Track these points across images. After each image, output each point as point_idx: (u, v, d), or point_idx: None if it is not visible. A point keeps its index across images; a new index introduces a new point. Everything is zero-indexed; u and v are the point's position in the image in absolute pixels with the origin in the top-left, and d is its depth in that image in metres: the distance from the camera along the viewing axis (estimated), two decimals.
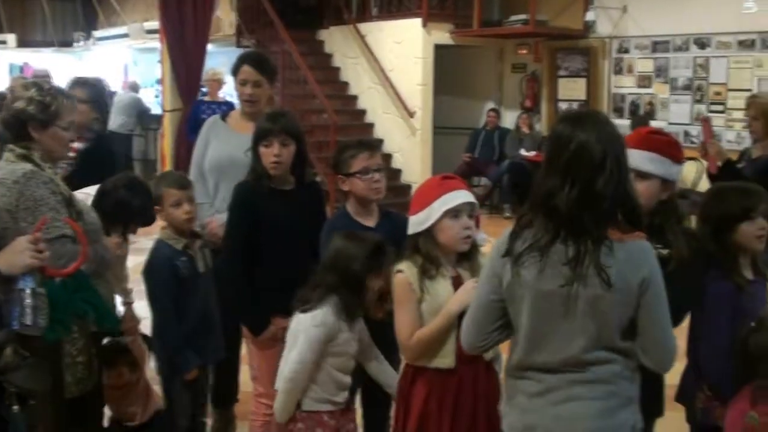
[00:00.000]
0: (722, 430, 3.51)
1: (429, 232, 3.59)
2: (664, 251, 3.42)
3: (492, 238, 3.59)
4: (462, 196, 3.61)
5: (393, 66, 14.95)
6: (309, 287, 3.89)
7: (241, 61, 5.09)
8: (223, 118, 5.26)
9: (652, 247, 2.85)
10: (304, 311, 3.85)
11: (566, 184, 2.79)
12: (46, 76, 14.20)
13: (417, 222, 3.63)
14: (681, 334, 3.61)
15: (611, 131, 2.86)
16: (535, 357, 2.94)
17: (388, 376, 4.07)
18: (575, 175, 2.79)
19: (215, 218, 4.94)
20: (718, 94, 13.04)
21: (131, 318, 4.84)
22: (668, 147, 3.57)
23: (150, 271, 4.39)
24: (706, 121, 6.67)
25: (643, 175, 3.44)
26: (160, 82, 14.85)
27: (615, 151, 2.82)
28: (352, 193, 4.23)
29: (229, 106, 9.95)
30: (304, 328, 3.82)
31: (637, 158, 3.40)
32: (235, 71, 5.07)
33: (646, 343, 2.86)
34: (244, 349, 4.82)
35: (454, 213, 3.56)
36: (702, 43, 13.20)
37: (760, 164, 6.03)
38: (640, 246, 2.82)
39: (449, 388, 3.60)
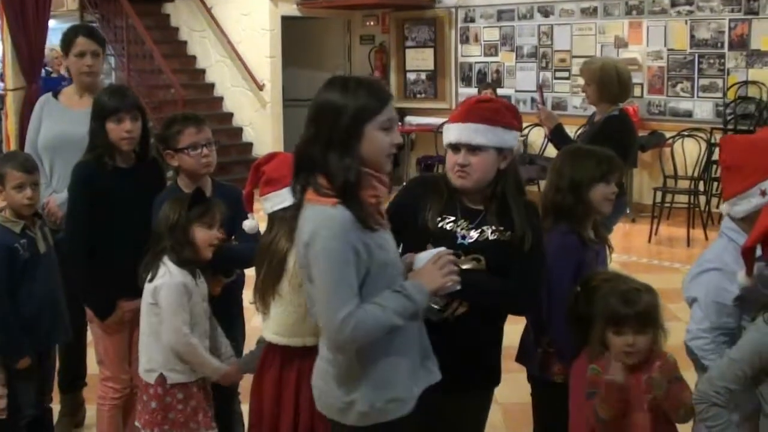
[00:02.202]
0: (560, 386, 3.60)
1: None
2: (506, 234, 3.38)
3: None
4: None
5: (240, 38, 14.81)
6: (147, 259, 3.87)
7: (74, 33, 4.96)
8: (55, 95, 5.11)
9: (334, 216, 2.80)
10: (150, 281, 3.83)
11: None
12: None
13: None
14: None
15: (341, 97, 2.86)
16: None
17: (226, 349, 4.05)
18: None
19: (53, 198, 4.80)
20: (562, 61, 13.30)
21: None
22: (498, 115, 3.42)
23: None
24: (539, 89, 6.93)
25: (474, 148, 3.36)
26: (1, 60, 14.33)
27: (326, 116, 2.85)
28: (181, 169, 4.16)
29: None
30: (153, 290, 3.81)
31: (465, 132, 3.36)
32: (68, 45, 4.92)
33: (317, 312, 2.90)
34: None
35: None
36: (546, 11, 13.43)
37: (595, 128, 6.23)
38: (318, 210, 2.82)
39: None
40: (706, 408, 2.98)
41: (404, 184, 3.65)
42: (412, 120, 14.90)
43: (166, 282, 3.79)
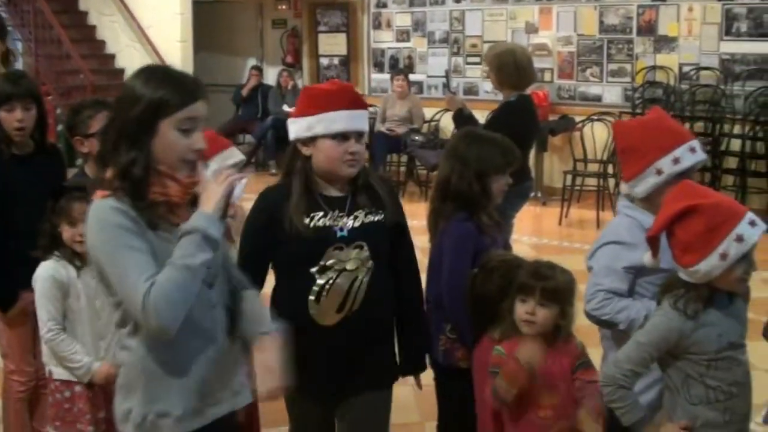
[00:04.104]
0: (464, 371, 3.63)
1: None
2: (378, 213, 3.41)
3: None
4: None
5: (151, 23, 14.60)
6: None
7: None
8: None
9: (101, 206, 2.63)
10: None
11: None
12: None
13: None
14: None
15: (142, 85, 2.69)
16: None
17: None
18: None
19: None
20: (474, 46, 13.36)
21: None
22: (361, 99, 3.49)
23: None
24: (446, 74, 7.09)
25: (360, 135, 3.38)
26: None
27: (125, 102, 2.70)
28: (91, 155, 4.09)
29: None
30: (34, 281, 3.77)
31: (357, 120, 3.36)
32: None
33: None
34: None
35: None
36: None
37: (493, 113, 6.37)
38: (92, 206, 2.67)
39: None
40: (613, 390, 3.03)
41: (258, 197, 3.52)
42: None
43: (40, 274, 3.74)
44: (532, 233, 10.46)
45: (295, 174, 3.39)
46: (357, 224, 3.35)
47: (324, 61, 15.14)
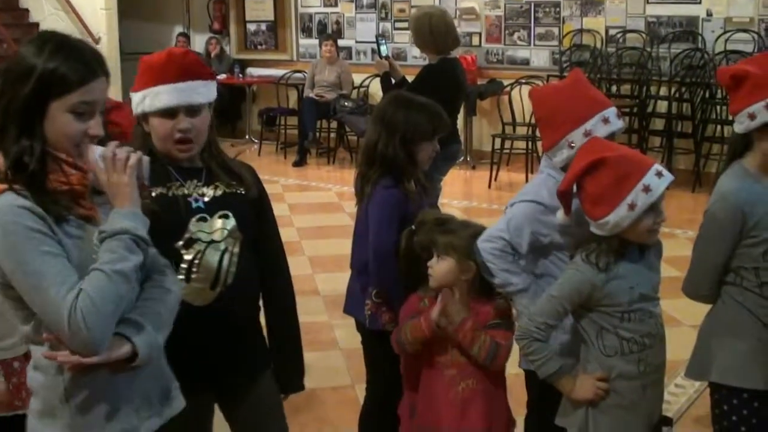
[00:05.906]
0: (390, 334, 3.60)
1: None
2: (241, 189, 3.08)
3: None
4: None
5: None
6: None
7: None
8: None
9: (1, 207, 2.30)
10: None
11: None
12: None
13: None
14: (342, 246, 3.62)
15: (33, 56, 2.36)
16: None
17: None
18: None
19: None
20: (402, 11, 13.34)
21: None
22: (203, 67, 3.12)
23: None
24: (376, 40, 7.12)
25: (194, 110, 2.97)
26: None
27: (12, 76, 2.36)
28: None
29: None
30: None
31: (185, 93, 2.95)
32: None
33: None
34: None
35: None
36: None
37: (416, 76, 6.43)
38: None
39: None
40: (528, 343, 3.06)
41: None
42: (253, 71, 14.83)
43: None
44: (463, 197, 10.51)
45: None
46: (218, 193, 3.01)
47: (251, 27, 15.03)
